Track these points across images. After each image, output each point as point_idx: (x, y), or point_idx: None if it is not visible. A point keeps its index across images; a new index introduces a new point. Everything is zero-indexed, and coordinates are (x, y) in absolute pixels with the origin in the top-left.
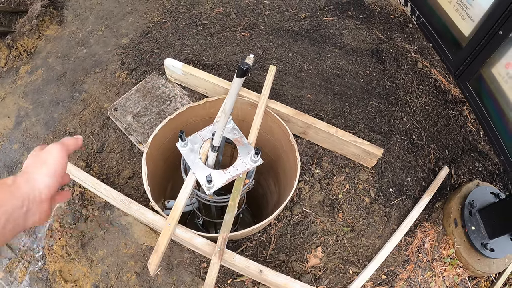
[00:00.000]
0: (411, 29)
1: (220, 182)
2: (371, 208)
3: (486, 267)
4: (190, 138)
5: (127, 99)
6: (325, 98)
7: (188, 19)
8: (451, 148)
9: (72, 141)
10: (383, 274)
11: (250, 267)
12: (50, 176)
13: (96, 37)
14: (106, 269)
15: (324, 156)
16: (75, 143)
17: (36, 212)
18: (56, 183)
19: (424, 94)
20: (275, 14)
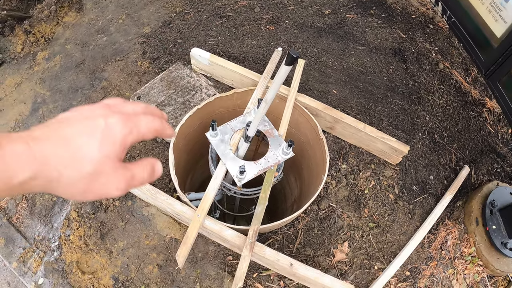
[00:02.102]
0: (432, 30)
1: (252, 174)
2: (395, 204)
3: (505, 266)
4: (220, 128)
5: (151, 88)
6: (350, 94)
7: (212, 10)
8: (471, 149)
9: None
10: (407, 271)
11: (281, 260)
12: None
13: (116, 25)
14: (126, 261)
15: (351, 151)
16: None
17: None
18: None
19: (445, 94)
20: (299, 9)
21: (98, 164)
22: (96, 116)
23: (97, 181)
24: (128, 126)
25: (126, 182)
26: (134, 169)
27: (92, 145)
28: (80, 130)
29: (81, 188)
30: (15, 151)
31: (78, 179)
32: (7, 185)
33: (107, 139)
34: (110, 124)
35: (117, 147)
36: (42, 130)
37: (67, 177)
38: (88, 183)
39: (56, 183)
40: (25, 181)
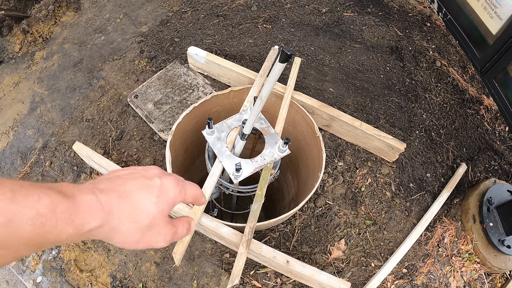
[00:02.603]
0: (429, 28)
1: (248, 171)
2: (392, 202)
3: (503, 263)
4: (216, 126)
5: (148, 87)
6: (346, 92)
7: (209, 9)
8: (468, 146)
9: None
10: (404, 268)
11: (277, 257)
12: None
13: (114, 25)
14: (124, 258)
15: (347, 149)
16: (196, 199)
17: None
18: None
19: (442, 92)
20: (296, 8)
21: (153, 218)
22: (153, 175)
23: (150, 232)
24: (179, 187)
25: (171, 236)
26: (178, 225)
27: (150, 201)
28: (140, 186)
29: (136, 238)
30: (87, 201)
31: (136, 230)
32: (79, 231)
33: (162, 196)
34: (165, 184)
35: (169, 205)
36: (106, 184)
37: (127, 227)
38: (143, 234)
39: (116, 232)
40: (94, 229)
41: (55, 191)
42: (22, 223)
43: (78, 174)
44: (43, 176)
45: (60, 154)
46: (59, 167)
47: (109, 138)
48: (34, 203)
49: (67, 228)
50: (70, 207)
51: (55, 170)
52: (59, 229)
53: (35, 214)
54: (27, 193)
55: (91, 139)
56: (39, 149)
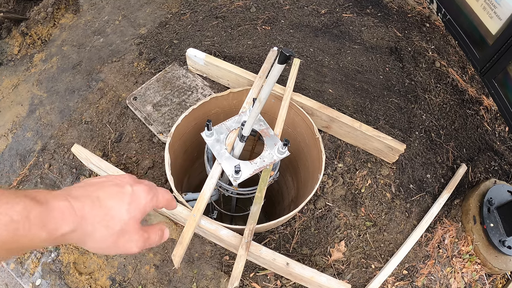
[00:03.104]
0: (428, 29)
1: (247, 173)
2: (392, 203)
3: (503, 264)
4: (215, 128)
5: (147, 89)
6: (346, 93)
7: (208, 11)
8: (468, 147)
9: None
10: (404, 269)
11: (277, 259)
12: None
13: (112, 27)
14: (123, 261)
15: (347, 150)
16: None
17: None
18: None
19: (442, 93)
20: (295, 9)
21: (125, 224)
22: (125, 183)
23: (122, 238)
24: (150, 195)
25: (143, 242)
26: (150, 232)
27: (122, 207)
28: (112, 193)
29: (109, 243)
30: (60, 207)
31: (109, 235)
32: (52, 236)
33: (134, 203)
34: (136, 191)
35: (141, 212)
36: (79, 191)
37: (99, 232)
38: (115, 239)
39: (89, 237)
40: (67, 233)
41: (28, 198)
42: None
43: (77, 176)
44: (42, 178)
45: (59, 157)
46: (58, 169)
47: (108, 140)
48: (7, 210)
49: (40, 233)
50: (43, 213)
51: (54, 173)
52: (32, 233)
53: (8, 220)
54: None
55: (90, 141)
56: (38, 152)
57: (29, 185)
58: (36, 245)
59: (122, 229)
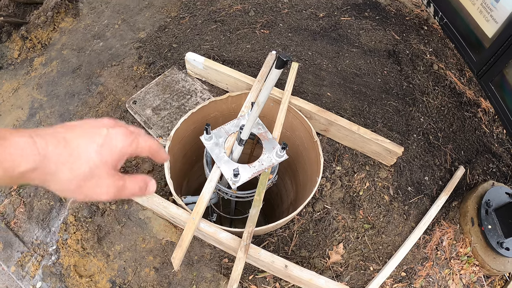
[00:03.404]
0: (426, 31)
1: (246, 176)
2: (390, 205)
3: (502, 265)
4: (214, 132)
5: (146, 93)
6: (344, 96)
7: (207, 15)
8: (466, 149)
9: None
10: (402, 271)
11: (275, 262)
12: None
13: (112, 31)
14: (123, 264)
15: (345, 153)
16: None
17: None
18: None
19: (440, 95)
20: (293, 13)
21: (94, 167)
22: (101, 125)
23: (89, 182)
24: (129, 139)
25: (116, 190)
26: (127, 180)
27: (91, 148)
28: (82, 134)
29: (73, 186)
30: (20, 143)
31: (72, 177)
32: (8, 174)
33: (106, 146)
34: (111, 134)
35: (115, 156)
36: (47, 131)
37: (62, 173)
38: (81, 182)
39: (52, 177)
40: (26, 172)
41: None
42: None
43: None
44: None
45: None
46: None
47: None
48: None
49: None
50: (4, 147)
51: None
52: None
53: None
54: None
55: None
56: None
57: (29, 189)
58: None
59: (90, 172)
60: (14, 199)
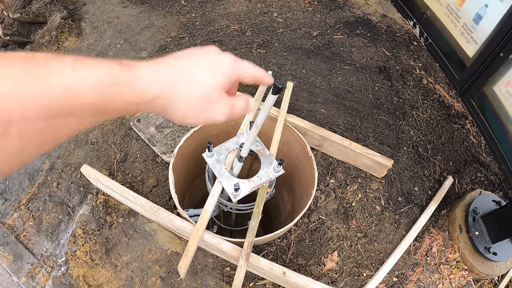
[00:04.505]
0: (415, 47)
1: (246, 191)
2: (382, 215)
3: (490, 269)
4: (216, 149)
5: None
6: (337, 112)
7: (205, 35)
8: (454, 160)
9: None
10: (394, 277)
11: (274, 269)
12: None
13: (115, 50)
14: (130, 274)
15: (338, 167)
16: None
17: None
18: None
19: (429, 109)
20: (288, 32)
21: (210, 90)
22: (210, 52)
23: (207, 104)
24: (235, 65)
25: (229, 109)
26: (235, 100)
27: (205, 73)
28: (196, 61)
29: (195, 110)
30: (146, 71)
31: (192, 100)
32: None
33: (217, 70)
34: (221, 59)
35: (225, 79)
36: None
37: (183, 98)
38: (200, 105)
39: (174, 102)
40: (154, 98)
41: (116, 63)
42: (83, 90)
43: (84, 194)
44: (51, 196)
45: (67, 176)
46: (66, 188)
47: (113, 160)
48: (94, 72)
49: (130, 95)
50: (130, 74)
51: (62, 191)
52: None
53: (95, 81)
54: (87, 63)
55: (96, 161)
56: (46, 171)
57: (38, 203)
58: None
59: (207, 95)
60: (23, 213)
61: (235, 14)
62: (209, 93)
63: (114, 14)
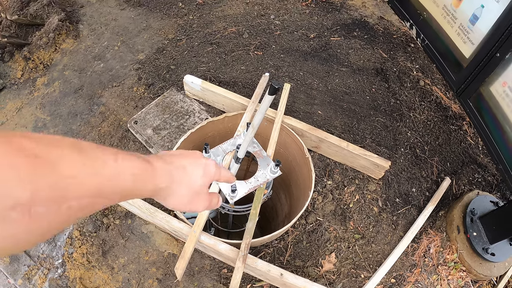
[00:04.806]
0: (412, 49)
1: (243, 192)
2: (379, 216)
3: (488, 270)
4: (212, 151)
5: (147, 113)
6: (334, 114)
7: (203, 37)
8: (452, 161)
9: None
10: (392, 278)
11: (272, 271)
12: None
13: (112, 52)
14: (127, 276)
15: (335, 168)
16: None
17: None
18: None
19: (426, 110)
20: (285, 34)
21: (200, 188)
22: (199, 156)
23: (196, 198)
24: (218, 170)
25: (208, 203)
26: (212, 197)
27: (199, 174)
28: (192, 163)
29: (186, 201)
30: (162, 168)
31: (186, 194)
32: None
33: (207, 173)
34: (208, 164)
35: (210, 180)
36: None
37: (181, 191)
38: (191, 198)
39: (173, 193)
40: (162, 189)
41: (141, 158)
42: (123, 178)
43: None
44: None
45: None
46: None
47: None
48: (131, 166)
49: (149, 185)
50: (153, 170)
51: None
52: (145, 185)
53: (132, 173)
54: (124, 157)
55: None
56: None
57: None
58: (143, 195)
59: (197, 191)
60: None
61: (232, 16)
62: (199, 189)
63: (112, 16)
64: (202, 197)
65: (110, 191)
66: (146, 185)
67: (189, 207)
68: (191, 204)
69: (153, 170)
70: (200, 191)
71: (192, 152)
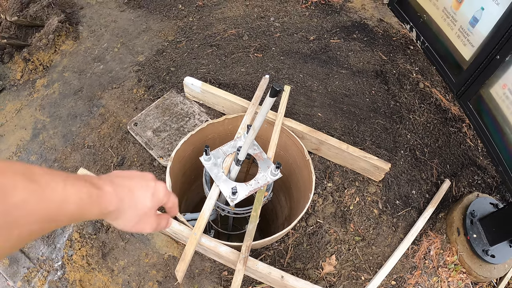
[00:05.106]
0: (412, 51)
1: (243, 194)
2: (379, 218)
3: (488, 272)
4: (213, 153)
5: (147, 115)
6: (334, 116)
7: (203, 39)
8: (452, 163)
9: (175, 204)
10: (392, 280)
11: (272, 273)
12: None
13: (112, 54)
14: (127, 278)
15: (336, 170)
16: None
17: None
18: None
19: (425, 113)
20: (285, 36)
21: (148, 210)
22: (149, 179)
23: (143, 220)
24: (167, 194)
25: (156, 225)
26: (160, 219)
27: (147, 197)
28: (140, 185)
29: (133, 222)
30: (109, 191)
31: (134, 216)
32: (102, 212)
33: (155, 195)
34: (157, 187)
35: (158, 203)
36: (118, 181)
37: (129, 213)
38: (138, 220)
39: (121, 215)
40: (110, 212)
41: (88, 183)
42: (70, 204)
43: None
44: None
45: None
46: None
47: (110, 164)
48: (78, 191)
49: (95, 209)
50: (100, 195)
51: None
52: (91, 209)
53: (78, 199)
54: (74, 183)
55: (93, 165)
56: None
57: None
58: (90, 218)
59: (145, 213)
60: None
61: (232, 18)
62: (146, 211)
63: (112, 18)
64: (150, 219)
65: (58, 217)
66: (92, 210)
67: (135, 228)
68: (138, 225)
69: (99, 196)
70: (148, 214)
71: (142, 175)
